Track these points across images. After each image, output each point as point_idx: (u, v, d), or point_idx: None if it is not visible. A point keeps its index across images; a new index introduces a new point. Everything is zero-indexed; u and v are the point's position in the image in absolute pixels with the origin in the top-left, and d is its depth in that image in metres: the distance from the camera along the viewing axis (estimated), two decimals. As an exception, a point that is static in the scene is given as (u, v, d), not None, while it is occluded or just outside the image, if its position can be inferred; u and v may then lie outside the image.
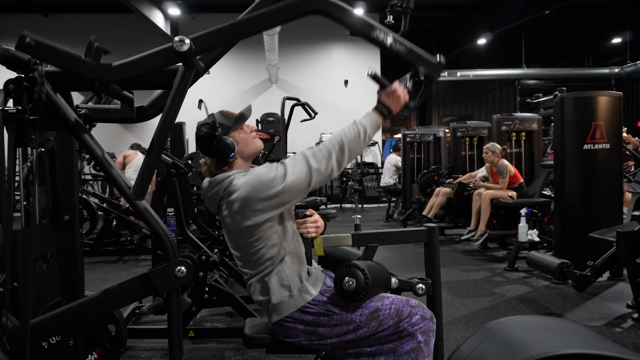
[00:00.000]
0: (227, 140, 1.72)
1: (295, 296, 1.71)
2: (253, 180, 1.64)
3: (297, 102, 6.01)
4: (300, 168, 1.63)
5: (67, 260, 1.93)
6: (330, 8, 1.56)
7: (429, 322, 1.72)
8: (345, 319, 1.70)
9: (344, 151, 1.64)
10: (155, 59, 1.53)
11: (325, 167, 1.63)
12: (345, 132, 1.67)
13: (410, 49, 1.62)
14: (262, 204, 1.63)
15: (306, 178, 1.63)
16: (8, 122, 1.58)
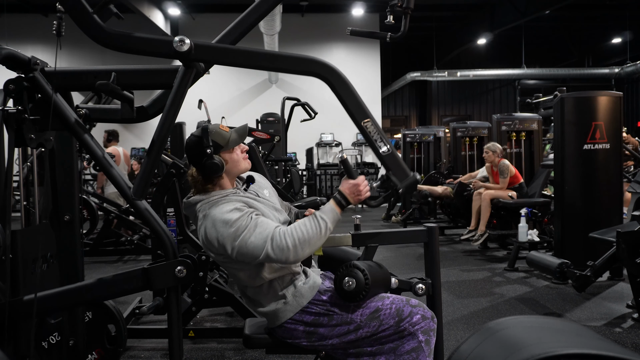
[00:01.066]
0: (216, 160, 1.70)
1: (289, 302, 1.73)
2: (210, 227, 1.66)
3: (297, 102, 6.01)
4: (256, 245, 1.61)
5: (67, 260, 1.93)
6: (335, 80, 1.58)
7: (429, 321, 1.72)
8: (346, 319, 1.70)
9: (304, 247, 1.63)
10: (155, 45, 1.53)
11: (279, 256, 1.62)
12: (308, 229, 1.64)
13: (392, 154, 1.66)
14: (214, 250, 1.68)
15: (255, 256, 1.62)
16: (8, 122, 1.58)
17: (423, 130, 9.13)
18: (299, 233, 1.63)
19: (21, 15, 13.19)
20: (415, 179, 1.68)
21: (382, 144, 1.64)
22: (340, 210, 1.71)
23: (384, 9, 1.86)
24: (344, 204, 1.72)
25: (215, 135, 1.74)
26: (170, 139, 6.65)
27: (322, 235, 1.66)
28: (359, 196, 1.72)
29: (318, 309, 1.72)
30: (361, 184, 1.72)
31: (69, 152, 1.94)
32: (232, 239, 1.61)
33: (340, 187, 1.74)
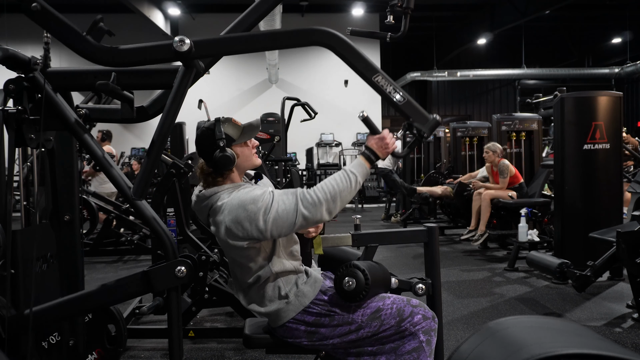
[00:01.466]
0: (228, 153, 1.68)
1: (292, 302, 1.72)
2: (237, 209, 1.62)
3: (297, 102, 6.02)
4: (288, 210, 1.60)
5: (67, 260, 1.93)
6: (338, 44, 1.57)
7: (430, 321, 1.72)
8: (347, 319, 1.69)
9: (335, 201, 1.63)
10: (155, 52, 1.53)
11: (314, 214, 1.61)
12: (338, 182, 1.64)
13: (408, 101, 1.65)
14: (244, 233, 1.62)
15: (291, 221, 1.61)
16: (8, 122, 1.58)
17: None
18: (329, 187, 1.63)
19: (21, 15, 13.08)
20: (436, 120, 1.67)
21: (396, 94, 1.62)
22: (370, 166, 1.72)
23: (384, 9, 1.86)
24: (373, 159, 1.73)
25: (228, 127, 1.73)
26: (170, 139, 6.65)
27: (352, 189, 1.66)
28: (387, 149, 1.73)
29: (319, 309, 1.72)
30: (387, 136, 1.73)
31: (69, 152, 1.94)
32: (263, 213, 1.59)
33: (367, 143, 1.74)
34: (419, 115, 1.66)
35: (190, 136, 6.24)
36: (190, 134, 5.57)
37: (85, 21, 1.58)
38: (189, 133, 5.99)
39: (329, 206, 1.61)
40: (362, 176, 1.69)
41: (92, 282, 4.66)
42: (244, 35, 1.58)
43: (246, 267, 1.73)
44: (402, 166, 8.64)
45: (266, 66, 13.20)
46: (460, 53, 16.44)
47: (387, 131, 1.74)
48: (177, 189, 3.17)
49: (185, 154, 5.18)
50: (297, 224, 1.61)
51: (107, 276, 5.01)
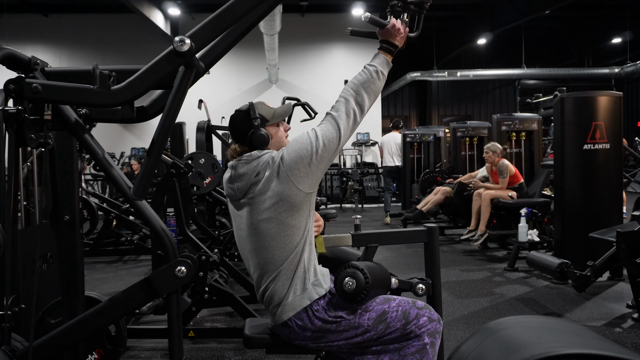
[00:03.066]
0: (263, 132, 1.73)
1: (309, 289, 1.68)
2: (294, 146, 1.67)
3: (297, 102, 6.01)
4: (326, 124, 1.68)
5: (67, 260, 1.93)
6: None
7: (436, 323, 1.71)
8: (354, 324, 1.67)
9: (360, 93, 1.69)
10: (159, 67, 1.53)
11: (347, 112, 1.67)
12: (357, 77, 1.72)
13: None
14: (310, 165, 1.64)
15: (335, 129, 1.66)
16: (8, 122, 1.58)
17: (423, 130, 9.13)
18: (351, 83, 1.71)
19: (21, 15, 13.19)
20: None
21: None
22: (391, 57, 1.77)
23: (384, 9, 1.86)
24: (392, 49, 1.77)
25: (262, 109, 1.79)
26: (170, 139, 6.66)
27: (374, 78, 1.71)
28: (402, 36, 1.77)
29: (326, 315, 1.67)
30: (396, 24, 1.76)
31: (69, 152, 1.94)
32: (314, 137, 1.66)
33: (382, 37, 1.78)
34: None
35: (190, 136, 6.24)
36: (190, 134, 5.56)
37: (86, 21, 1.58)
38: (189, 133, 5.99)
39: (357, 99, 1.69)
40: (383, 66, 1.74)
41: (92, 282, 4.66)
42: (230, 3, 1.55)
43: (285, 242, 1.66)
44: (402, 166, 8.63)
45: (266, 66, 13.19)
46: (460, 53, 16.43)
47: (393, 19, 1.78)
48: (177, 189, 3.17)
49: (185, 154, 5.18)
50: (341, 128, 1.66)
51: (107, 276, 5.01)
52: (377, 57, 1.76)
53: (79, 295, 1.91)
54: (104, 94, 1.51)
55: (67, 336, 1.60)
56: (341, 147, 1.71)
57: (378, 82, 1.72)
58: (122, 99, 1.54)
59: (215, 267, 3.30)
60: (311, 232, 1.73)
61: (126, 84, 1.52)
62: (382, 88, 1.77)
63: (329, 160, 1.68)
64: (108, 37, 13.42)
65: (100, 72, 1.52)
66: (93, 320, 1.61)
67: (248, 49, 12.85)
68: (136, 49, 13.16)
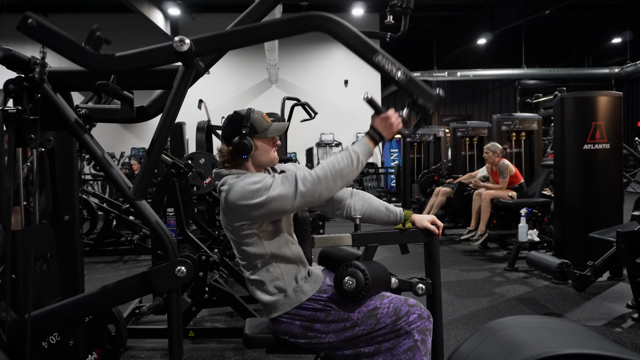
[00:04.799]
0: (246, 142, 1.73)
1: (290, 296, 1.74)
2: (239, 187, 1.67)
3: (297, 102, 6.01)
4: (287, 188, 1.63)
5: (67, 260, 1.93)
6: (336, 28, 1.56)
7: (425, 321, 1.72)
8: (343, 316, 1.71)
9: (335, 178, 1.63)
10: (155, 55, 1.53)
11: (312, 192, 1.62)
12: (339, 160, 1.66)
13: (410, 78, 1.62)
14: (242, 212, 1.67)
15: (290, 200, 1.62)
16: (8, 122, 1.58)
17: (423, 130, 9.13)
18: (329, 164, 1.65)
19: (21, 15, 13.18)
20: (440, 95, 1.65)
21: (398, 73, 1.61)
22: (374, 145, 1.72)
23: (384, 9, 1.85)
24: (377, 139, 1.73)
25: (257, 120, 1.79)
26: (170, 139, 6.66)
27: (353, 168, 1.66)
28: (391, 129, 1.72)
29: (315, 304, 1.73)
30: (392, 116, 1.72)
31: (69, 152, 1.94)
32: (263, 191, 1.62)
33: (372, 123, 1.74)
34: (422, 91, 1.63)
35: (190, 136, 6.24)
36: (190, 134, 5.57)
37: (86, 21, 1.58)
38: (189, 133, 6.00)
39: (328, 184, 1.63)
40: (365, 155, 1.70)
41: (92, 282, 4.66)
42: (242, 28, 1.56)
43: (247, 253, 1.75)
44: (403, 166, 8.63)
45: (266, 66, 13.20)
46: (460, 53, 16.44)
47: (392, 111, 1.73)
48: (177, 189, 3.17)
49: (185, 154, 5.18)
50: (295, 203, 1.63)
51: (107, 276, 5.01)
52: (362, 144, 1.70)
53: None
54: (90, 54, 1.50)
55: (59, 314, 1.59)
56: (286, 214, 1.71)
57: (356, 172, 1.68)
58: (105, 66, 1.52)
59: (215, 267, 3.30)
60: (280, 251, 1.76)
61: (116, 56, 1.52)
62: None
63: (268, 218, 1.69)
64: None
65: (98, 36, 1.51)
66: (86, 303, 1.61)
67: (248, 49, 12.77)
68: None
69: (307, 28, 1.57)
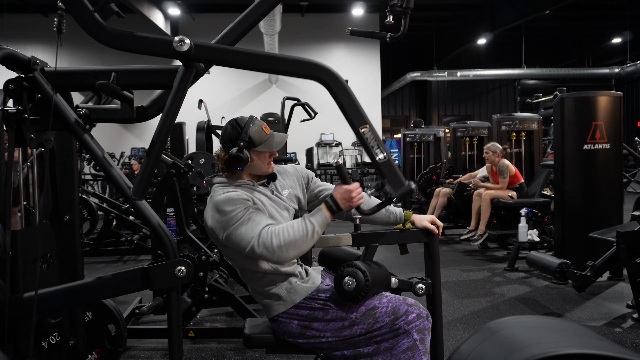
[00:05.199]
0: (243, 155, 1.74)
1: (284, 297, 1.76)
2: (214, 204, 1.72)
3: (297, 102, 6.00)
4: (248, 234, 1.64)
5: (67, 260, 1.93)
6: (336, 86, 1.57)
7: (424, 320, 1.73)
8: (341, 315, 1.71)
9: (289, 249, 1.64)
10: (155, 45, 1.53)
11: (264, 253, 1.64)
12: (295, 230, 1.66)
13: (388, 161, 1.64)
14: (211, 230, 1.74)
15: (243, 246, 1.65)
16: (8, 122, 1.58)
17: (423, 130, 9.13)
18: (285, 234, 1.64)
19: (21, 15, 13.19)
20: (410, 188, 1.65)
21: (378, 151, 1.62)
22: (331, 215, 1.71)
23: (384, 9, 1.85)
24: (335, 209, 1.71)
25: (256, 132, 1.77)
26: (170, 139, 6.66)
27: (308, 238, 1.66)
28: (350, 202, 1.71)
29: (314, 304, 1.74)
30: (354, 190, 1.71)
31: (69, 152, 1.94)
32: (224, 226, 1.67)
33: (333, 192, 1.73)
34: (395, 178, 1.65)
35: (190, 136, 6.25)
36: (190, 134, 5.57)
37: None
38: (189, 133, 6.00)
39: (280, 252, 1.63)
40: (321, 226, 1.69)
41: (92, 282, 4.66)
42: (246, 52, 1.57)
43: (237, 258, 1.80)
44: (402, 166, 8.63)
45: (266, 66, 13.19)
46: (460, 53, 16.43)
47: (356, 184, 1.73)
48: (177, 189, 3.17)
49: (185, 154, 5.18)
50: (246, 252, 1.66)
51: (107, 276, 5.00)
52: (319, 215, 1.70)
53: (79, 295, 1.91)
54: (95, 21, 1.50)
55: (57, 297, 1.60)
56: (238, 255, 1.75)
57: (310, 242, 1.68)
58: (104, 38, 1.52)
59: (215, 267, 3.30)
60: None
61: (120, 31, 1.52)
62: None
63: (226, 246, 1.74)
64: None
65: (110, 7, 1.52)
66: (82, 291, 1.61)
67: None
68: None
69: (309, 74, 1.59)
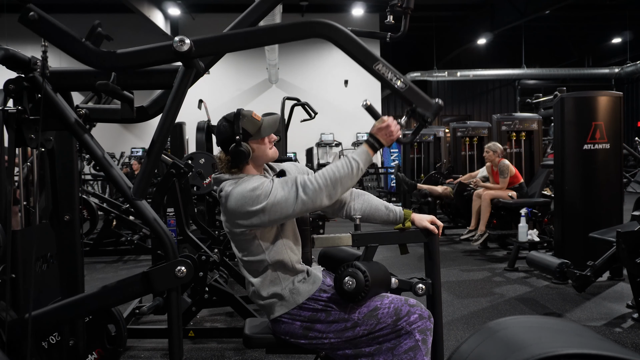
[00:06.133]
0: (243, 148, 1.73)
1: (286, 297, 1.74)
2: (238, 194, 1.67)
3: (297, 102, 6.01)
4: (287, 195, 1.64)
5: (67, 260, 1.93)
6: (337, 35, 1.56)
7: (426, 321, 1.73)
8: (343, 316, 1.70)
9: (336, 186, 1.66)
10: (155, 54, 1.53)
11: (313, 199, 1.64)
12: (339, 167, 1.67)
13: (410, 87, 1.63)
14: (242, 219, 1.67)
15: (290, 206, 1.64)
16: (8, 122, 1.58)
17: (423, 131, 9.11)
18: (330, 172, 1.66)
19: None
20: (439, 104, 1.65)
21: (398, 81, 1.61)
22: (373, 153, 1.74)
23: (384, 9, 1.85)
24: (377, 146, 1.74)
25: (247, 122, 1.77)
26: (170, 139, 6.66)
27: (353, 175, 1.68)
28: (391, 136, 1.73)
29: (316, 305, 1.73)
30: (391, 124, 1.73)
31: (69, 152, 1.94)
32: (263, 197, 1.64)
33: (372, 131, 1.75)
34: (421, 100, 1.64)
35: (190, 136, 6.24)
36: (190, 134, 5.56)
37: (86, 21, 1.58)
38: (189, 133, 5.99)
39: (329, 192, 1.65)
40: (365, 163, 1.71)
41: (92, 282, 4.66)
42: (243, 31, 1.57)
43: (247, 256, 1.76)
44: (403, 166, 8.64)
45: (266, 66, 13.20)
46: (460, 53, 16.44)
47: (391, 118, 1.74)
48: (177, 189, 3.17)
49: (185, 154, 5.18)
50: (296, 209, 1.64)
51: (107, 276, 5.01)
52: (362, 152, 1.72)
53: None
54: (91, 50, 1.50)
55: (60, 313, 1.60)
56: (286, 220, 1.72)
57: (355, 178, 1.70)
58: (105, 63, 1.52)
59: (215, 267, 3.30)
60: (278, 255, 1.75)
61: (117, 52, 1.52)
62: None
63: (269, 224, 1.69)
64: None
65: (99, 32, 1.51)
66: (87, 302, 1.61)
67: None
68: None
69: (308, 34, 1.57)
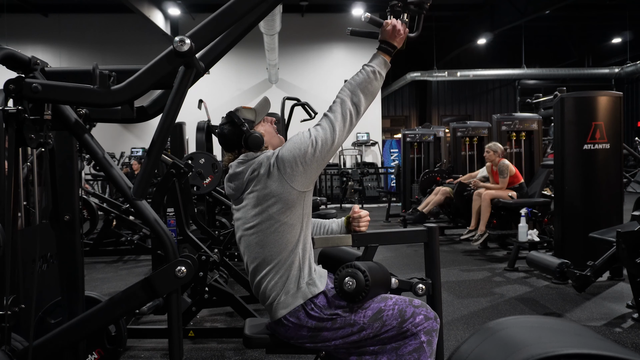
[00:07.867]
0: (256, 134, 1.76)
1: (303, 288, 1.68)
2: (288, 146, 1.68)
3: (297, 102, 6.01)
4: (322, 125, 1.68)
5: (67, 260, 1.93)
6: None
7: (432, 322, 1.71)
8: (349, 321, 1.68)
9: (357, 94, 1.69)
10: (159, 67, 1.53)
11: (342, 113, 1.67)
12: (354, 78, 1.72)
13: None
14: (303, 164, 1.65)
15: (330, 129, 1.67)
16: (8, 122, 1.58)
17: (423, 130, 9.13)
18: (347, 85, 1.71)
19: (21, 15, 13.19)
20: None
21: None
22: (389, 57, 1.76)
23: (384, 9, 1.85)
24: (391, 50, 1.76)
25: (244, 112, 1.81)
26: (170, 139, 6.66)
27: (371, 79, 1.71)
28: (401, 35, 1.76)
29: (321, 313, 1.68)
30: (396, 24, 1.75)
31: (69, 152, 1.94)
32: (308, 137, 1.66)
33: (380, 38, 1.77)
34: None
35: (190, 136, 6.24)
36: (190, 134, 5.56)
37: (86, 21, 1.58)
38: (189, 133, 5.99)
39: (352, 100, 1.68)
40: (380, 65, 1.74)
41: (92, 282, 4.66)
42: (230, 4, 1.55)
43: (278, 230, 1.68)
44: (403, 165, 8.64)
45: (266, 66, 13.20)
46: (460, 53, 16.44)
47: (394, 19, 1.77)
48: (177, 189, 3.17)
49: (185, 154, 5.18)
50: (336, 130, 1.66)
51: (107, 276, 5.01)
52: (375, 58, 1.76)
53: (79, 295, 1.91)
54: (104, 93, 1.51)
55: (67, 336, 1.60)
56: (337, 148, 1.71)
57: (375, 82, 1.72)
58: (122, 99, 1.54)
59: (215, 267, 3.30)
60: (307, 231, 1.73)
61: (126, 84, 1.52)
62: (379, 89, 1.77)
63: (323, 160, 1.68)
64: (108, 37, 13.42)
65: (101, 72, 1.52)
66: (93, 320, 1.61)
67: (248, 49, 12.86)
68: (136, 49, 13.16)
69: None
